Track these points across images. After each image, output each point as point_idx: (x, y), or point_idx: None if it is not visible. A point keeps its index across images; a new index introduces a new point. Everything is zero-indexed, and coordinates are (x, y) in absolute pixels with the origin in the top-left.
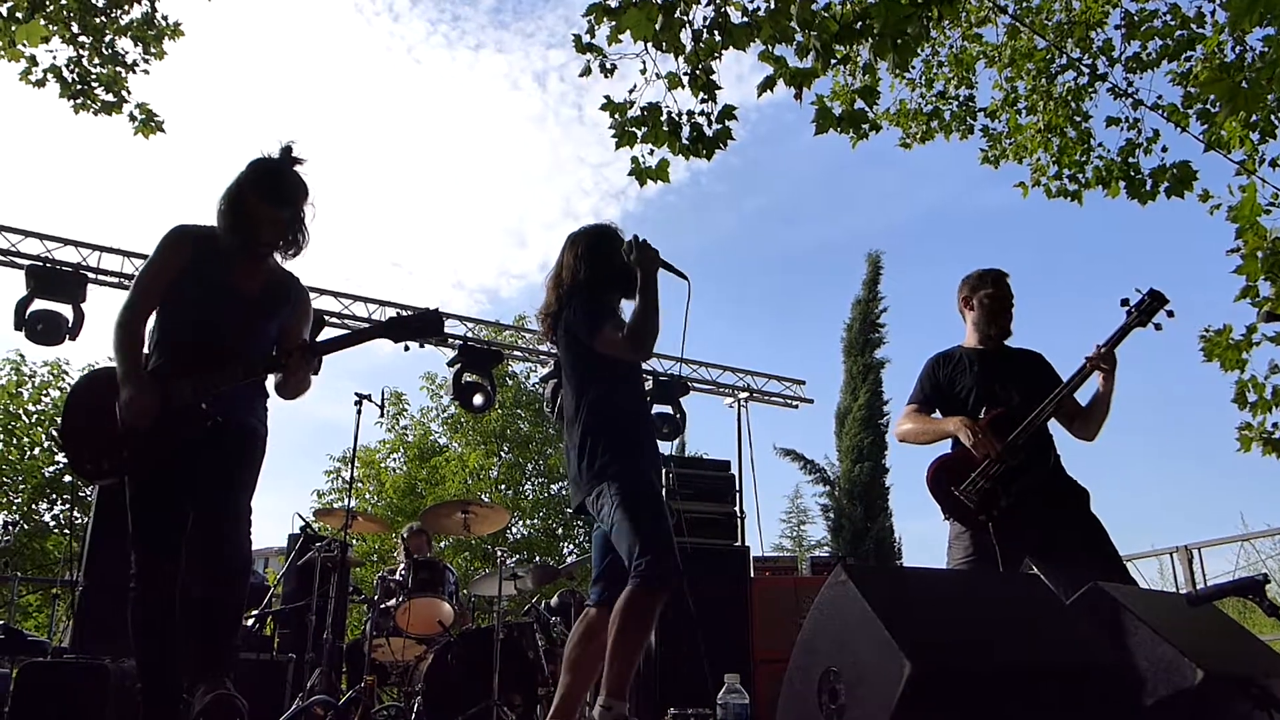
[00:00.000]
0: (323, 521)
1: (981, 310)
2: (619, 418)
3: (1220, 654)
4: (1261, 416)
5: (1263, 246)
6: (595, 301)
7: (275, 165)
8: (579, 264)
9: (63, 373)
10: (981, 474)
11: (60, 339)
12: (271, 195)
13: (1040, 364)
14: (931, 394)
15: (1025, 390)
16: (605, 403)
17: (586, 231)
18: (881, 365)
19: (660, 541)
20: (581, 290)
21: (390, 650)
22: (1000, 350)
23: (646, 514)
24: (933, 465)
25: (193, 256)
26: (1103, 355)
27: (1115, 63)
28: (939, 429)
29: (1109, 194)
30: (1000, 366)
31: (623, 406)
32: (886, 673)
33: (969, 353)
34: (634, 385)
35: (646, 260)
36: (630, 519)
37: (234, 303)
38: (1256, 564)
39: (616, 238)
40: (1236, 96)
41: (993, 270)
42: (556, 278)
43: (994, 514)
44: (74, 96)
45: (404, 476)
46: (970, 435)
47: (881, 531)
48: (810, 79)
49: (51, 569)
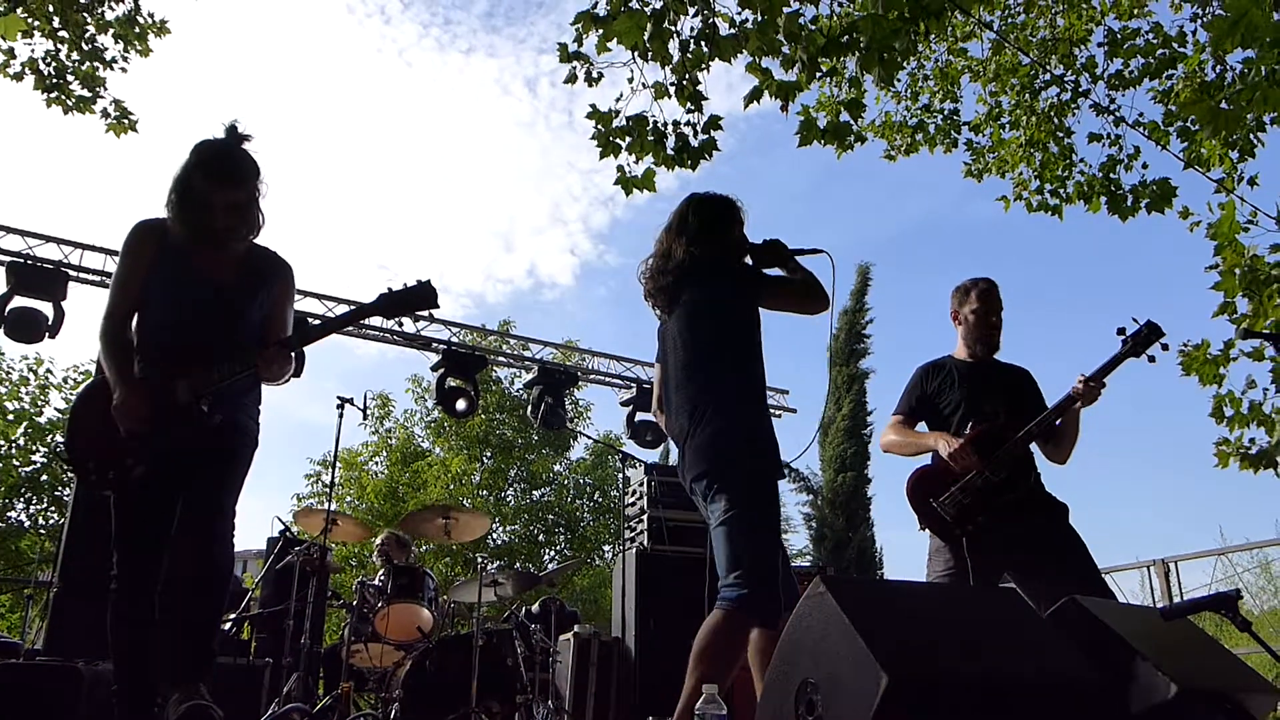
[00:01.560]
0: (302, 525)
1: (970, 324)
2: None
3: (1194, 668)
4: (1239, 431)
5: (1240, 264)
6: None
7: (223, 145)
8: (725, 225)
9: (47, 371)
10: (961, 488)
11: (40, 336)
12: (222, 176)
13: (1027, 382)
14: (917, 405)
15: (1010, 407)
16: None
17: (718, 200)
18: (866, 376)
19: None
20: (729, 257)
21: (368, 656)
22: (989, 364)
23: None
24: (913, 475)
25: (160, 250)
26: (1090, 386)
27: (1098, 80)
28: (922, 442)
29: (1090, 209)
30: (987, 382)
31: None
32: (863, 684)
33: (958, 365)
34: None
35: (779, 258)
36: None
37: (210, 293)
38: (1233, 578)
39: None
40: (1217, 118)
41: (982, 281)
42: (683, 238)
43: (969, 529)
44: (48, 90)
45: (385, 480)
46: (949, 448)
47: (863, 541)
48: (796, 91)
49: (26, 569)
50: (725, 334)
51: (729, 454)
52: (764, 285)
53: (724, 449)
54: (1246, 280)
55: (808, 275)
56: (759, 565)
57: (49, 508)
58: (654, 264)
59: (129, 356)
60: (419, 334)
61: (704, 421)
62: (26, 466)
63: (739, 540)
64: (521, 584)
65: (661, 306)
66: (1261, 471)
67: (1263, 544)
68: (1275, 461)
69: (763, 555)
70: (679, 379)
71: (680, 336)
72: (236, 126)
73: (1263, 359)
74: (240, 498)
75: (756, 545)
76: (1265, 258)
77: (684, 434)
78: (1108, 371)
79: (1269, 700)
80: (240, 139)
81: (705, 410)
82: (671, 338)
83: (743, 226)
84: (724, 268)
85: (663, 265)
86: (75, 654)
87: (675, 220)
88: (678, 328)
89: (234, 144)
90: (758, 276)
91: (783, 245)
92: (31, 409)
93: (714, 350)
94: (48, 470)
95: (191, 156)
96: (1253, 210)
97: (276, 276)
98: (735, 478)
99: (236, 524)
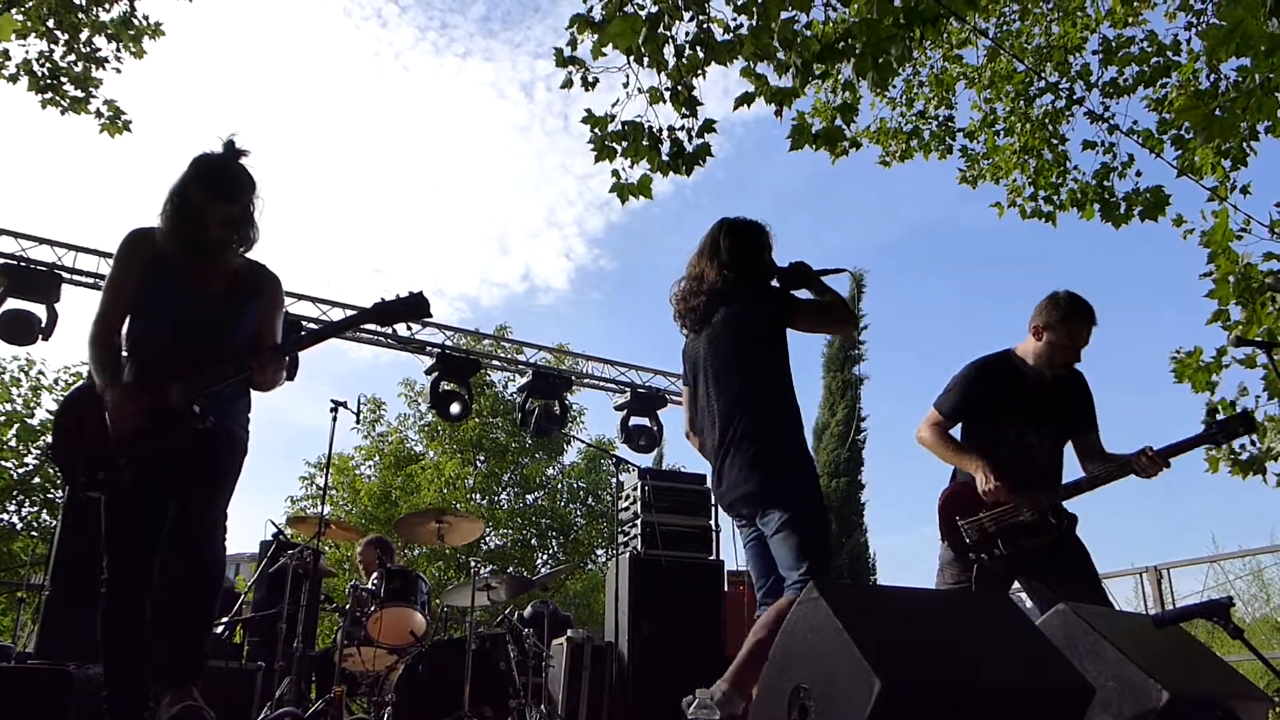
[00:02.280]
0: (295, 529)
1: (1048, 351)
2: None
3: (1186, 675)
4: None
5: (1234, 271)
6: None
7: (220, 160)
8: (756, 249)
9: (39, 373)
10: (991, 517)
11: (33, 339)
12: (218, 190)
13: (1080, 397)
14: (963, 407)
15: (1056, 435)
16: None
17: (749, 225)
18: (860, 382)
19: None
20: (759, 281)
21: (361, 660)
22: (1052, 383)
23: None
24: (949, 490)
25: (153, 258)
26: (1153, 461)
27: (1092, 87)
28: (961, 461)
29: (1083, 216)
30: (1043, 402)
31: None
32: (856, 690)
33: (1019, 376)
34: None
35: (806, 280)
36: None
37: (202, 304)
38: (1225, 585)
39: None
40: (1211, 125)
41: (1081, 313)
42: (715, 261)
43: (983, 557)
44: (42, 91)
45: (379, 484)
46: (986, 482)
47: (856, 547)
48: (791, 97)
49: (17, 572)
50: (758, 354)
51: (774, 475)
52: (795, 308)
53: (768, 471)
54: (1239, 288)
55: (836, 296)
56: (821, 560)
57: (41, 510)
58: (686, 286)
59: (119, 362)
60: (413, 338)
61: (743, 441)
62: (19, 469)
63: (801, 542)
64: (515, 588)
65: (691, 326)
66: (1251, 477)
67: (1255, 551)
68: (1265, 468)
69: (822, 554)
70: (712, 399)
71: (713, 358)
72: (234, 142)
73: (1255, 366)
74: (231, 502)
75: (816, 546)
76: (1258, 265)
77: (722, 454)
78: (1178, 453)
79: (1260, 708)
80: (238, 154)
81: (744, 430)
82: (703, 359)
83: (771, 251)
84: (755, 290)
85: (695, 287)
86: (66, 657)
87: (707, 244)
88: (710, 349)
89: (231, 159)
90: (789, 299)
91: (808, 267)
92: (23, 411)
93: (748, 371)
94: (40, 472)
95: (190, 170)
96: (1246, 218)
97: (266, 288)
98: (784, 497)
99: (229, 527)
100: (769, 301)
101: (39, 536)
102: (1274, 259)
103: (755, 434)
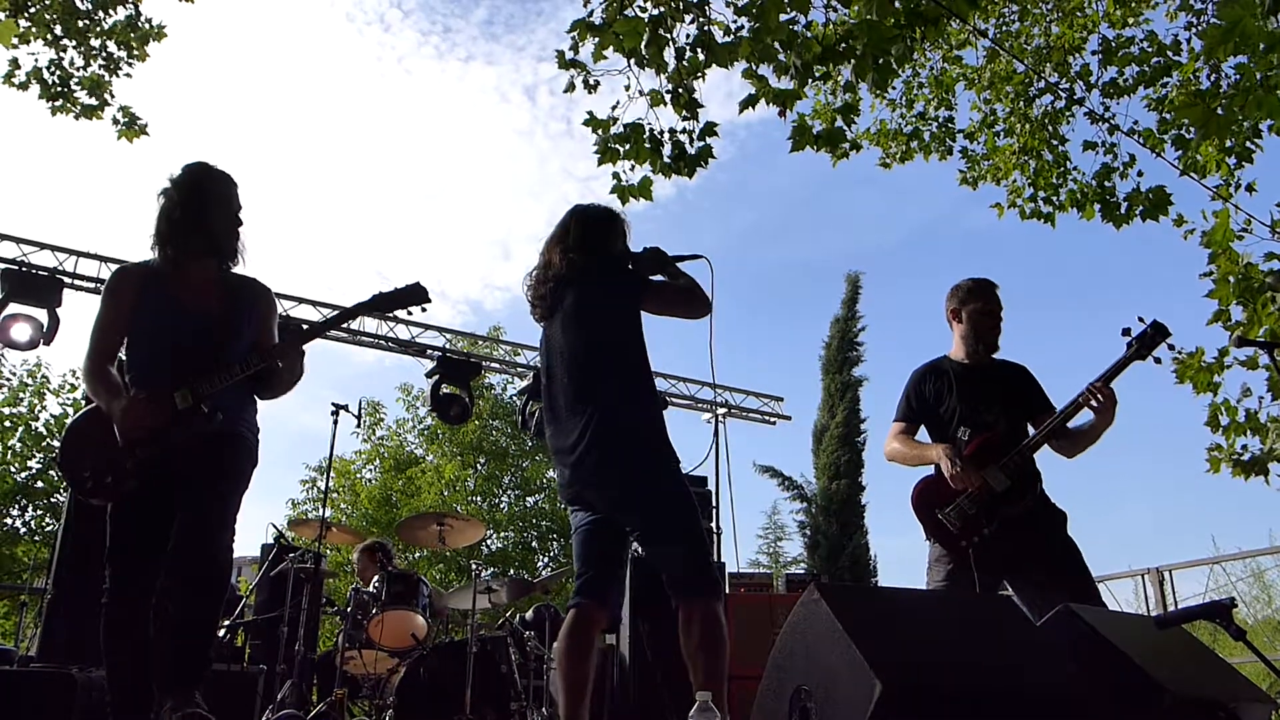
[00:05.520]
0: (296, 532)
1: (970, 325)
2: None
3: (1189, 677)
4: (1233, 439)
5: (1235, 271)
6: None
7: (205, 166)
8: (607, 236)
9: (43, 377)
10: (967, 498)
11: (35, 344)
12: (216, 183)
13: (1025, 380)
14: (918, 410)
15: (1008, 411)
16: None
17: (601, 211)
18: (859, 383)
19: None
20: (615, 259)
21: (362, 663)
22: (986, 366)
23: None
24: (918, 486)
25: (140, 292)
26: (1098, 390)
27: (1092, 87)
28: (924, 455)
29: (1084, 216)
30: (984, 385)
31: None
32: (857, 691)
33: (955, 368)
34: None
35: (660, 265)
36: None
37: (198, 323)
38: (1226, 586)
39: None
40: (1210, 122)
41: (982, 281)
42: (561, 247)
43: (975, 541)
44: (53, 99)
45: (379, 487)
46: (950, 466)
47: (857, 549)
48: (793, 99)
49: (20, 576)
50: (609, 335)
51: (638, 453)
52: (645, 287)
53: (632, 449)
54: (1241, 288)
55: (689, 280)
56: (699, 544)
57: (45, 515)
58: (536, 274)
59: (117, 386)
60: (414, 340)
61: (601, 424)
62: (22, 472)
63: (675, 525)
64: (515, 591)
65: (542, 313)
66: (1252, 479)
67: (1256, 553)
68: (1267, 468)
69: (697, 532)
70: (566, 382)
71: (564, 340)
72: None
73: (1257, 367)
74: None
75: (690, 527)
76: (1259, 265)
77: (578, 438)
78: (1113, 376)
79: (1263, 709)
80: (222, 174)
81: (601, 411)
82: (555, 344)
83: (625, 239)
84: (603, 273)
85: (544, 275)
86: (69, 661)
87: (558, 230)
88: (561, 333)
89: (218, 176)
90: (637, 278)
91: (663, 252)
92: (27, 414)
93: (600, 351)
94: (43, 476)
95: (175, 185)
96: (1247, 218)
97: (259, 300)
98: (653, 475)
99: (236, 531)
100: (617, 282)
101: (42, 541)
102: (1275, 259)
103: (612, 415)
